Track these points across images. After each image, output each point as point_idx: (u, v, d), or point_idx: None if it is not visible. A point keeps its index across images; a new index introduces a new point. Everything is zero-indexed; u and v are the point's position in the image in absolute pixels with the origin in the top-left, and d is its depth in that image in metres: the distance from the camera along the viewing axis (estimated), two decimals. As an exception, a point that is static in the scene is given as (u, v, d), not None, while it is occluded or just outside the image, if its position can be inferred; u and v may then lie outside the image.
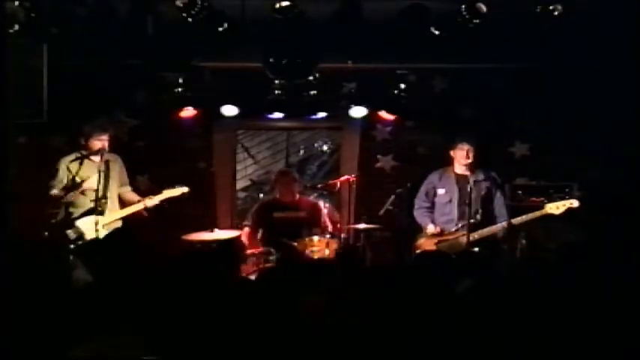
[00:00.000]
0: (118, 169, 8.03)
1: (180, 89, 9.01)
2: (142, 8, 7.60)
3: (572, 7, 7.30)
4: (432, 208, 8.25)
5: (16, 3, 7.17)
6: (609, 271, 4.70)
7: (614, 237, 8.01)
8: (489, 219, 7.92)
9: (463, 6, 7.36)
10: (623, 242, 7.79)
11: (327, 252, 8.25)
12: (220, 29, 7.60)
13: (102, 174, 7.66)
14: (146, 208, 7.96)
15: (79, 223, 7.69)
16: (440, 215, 8.16)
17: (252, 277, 7.44)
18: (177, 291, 4.09)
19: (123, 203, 8.08)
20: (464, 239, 7.64)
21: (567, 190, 8.54)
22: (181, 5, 7.21)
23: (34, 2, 7.25)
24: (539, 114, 9.46)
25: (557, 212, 7.63)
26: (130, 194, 8.17)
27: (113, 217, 7.89)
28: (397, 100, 9.10)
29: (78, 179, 7.74)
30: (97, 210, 7.59)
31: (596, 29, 7.93)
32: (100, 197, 7.68)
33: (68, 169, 7.82)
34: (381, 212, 8.66)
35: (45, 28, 7.50)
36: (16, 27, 7.22)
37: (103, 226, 7.64)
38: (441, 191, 8.18)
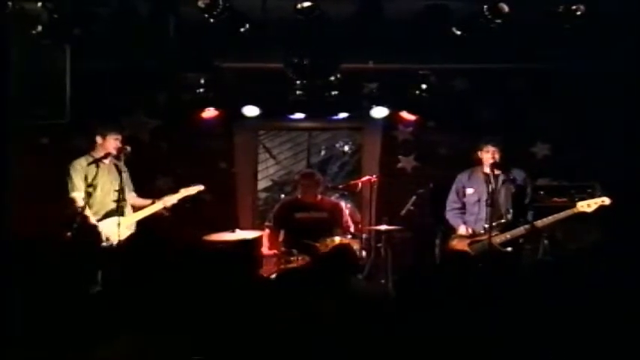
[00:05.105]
0: (126, 173, 8.01)
1: (201, 90, 9.05)
2: (164, 9, 7.63)
3: (595, 8, 7.26)
4: (463, 208, 8.18)
5: (39, 4, 7.22)
6: (631, 271, 4.68)
7: (636, 237, 7.95)
8: (521, 219, 7.86)
9: (485, 6, 7.34)
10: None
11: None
12: (242, 30, 7.62)
13: (117, 175, 7.64)
14: (166, 208, 7.96)
15: (101, 224, 7.67)
16: (469, 215, 8.11)
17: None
18: (197, 290, 4.11)
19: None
20: (497, 239, 7.60)
21: (589, 190, 8.46)
22: (203, 6, 7.24)
23: (56, 3, 7.30)
24: (560, 114, 9.40)
25: (589, 210, 7.51)
26: (136, 199, 8.15)
27: (135, 217, 7.92)
28: (418, 101, 9.09)
29: (90, 181, 7.73)
30: (119, 211, 7.57)
31: (618, 29, 7.87)
32: (122, 198, 7.71)
33: (82, 171, 7.75)
34: (403, 213, 8.63)
35: (67, 29, 7.54)
36: (39, 28, 7.28)
37: (126, 227, 7.67)
38: (469, 191, 8.13)
